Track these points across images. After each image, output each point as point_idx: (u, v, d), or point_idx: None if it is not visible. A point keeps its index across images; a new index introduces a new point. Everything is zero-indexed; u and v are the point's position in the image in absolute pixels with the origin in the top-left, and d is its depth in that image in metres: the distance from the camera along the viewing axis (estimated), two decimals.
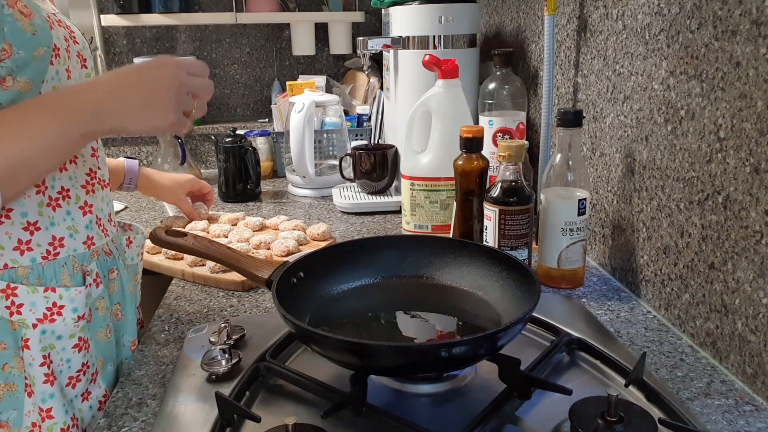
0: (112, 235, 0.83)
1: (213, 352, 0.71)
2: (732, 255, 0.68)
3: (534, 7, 1.25)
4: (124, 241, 0.89)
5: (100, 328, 0.79)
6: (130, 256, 0.90)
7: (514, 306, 0.70)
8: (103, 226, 0.80)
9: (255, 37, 2.27)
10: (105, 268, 0.81)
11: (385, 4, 1.43)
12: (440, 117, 1.07)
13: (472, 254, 0.78)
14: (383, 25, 1.68)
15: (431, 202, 1.10)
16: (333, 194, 1.42)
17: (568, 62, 1.09)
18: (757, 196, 0.64)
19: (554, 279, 0.93)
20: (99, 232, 0.79)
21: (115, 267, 0.82)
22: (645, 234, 0.87)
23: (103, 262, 0.80)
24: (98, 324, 0.79)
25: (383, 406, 0.60)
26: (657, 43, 0.81)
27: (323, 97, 1.52)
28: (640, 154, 0.87)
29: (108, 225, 0.82)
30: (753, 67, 0.64)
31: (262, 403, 0.65)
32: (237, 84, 2.30)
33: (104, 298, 0.79)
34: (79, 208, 0.76)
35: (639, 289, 0.89)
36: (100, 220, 0.80)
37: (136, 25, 2.13)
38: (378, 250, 0.81)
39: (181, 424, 0.62)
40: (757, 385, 0.66)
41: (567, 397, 0.59)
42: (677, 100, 0.78)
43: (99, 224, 0.79)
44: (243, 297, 0.95)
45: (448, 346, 0.57)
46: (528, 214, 0.91)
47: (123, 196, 1.57)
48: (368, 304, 0.77)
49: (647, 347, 0.76)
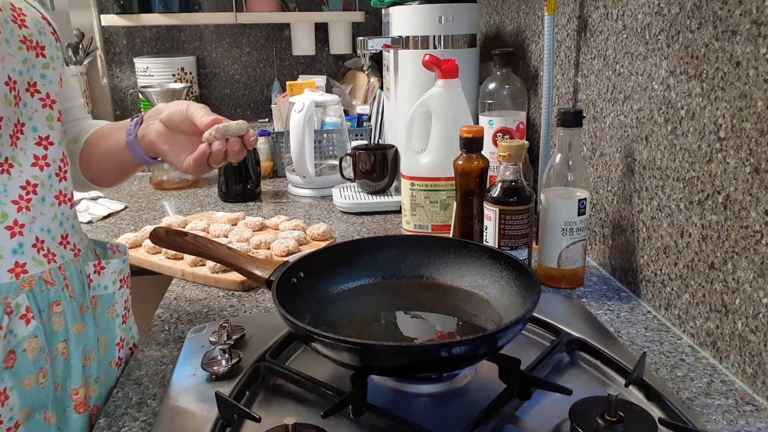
0: (63, 260, 0.71)
1: (213, 352, 0.71)
2: (732, 255, 0.68)
3: (534, 7, 1.25)
4: (89, 268, 0.76)
5: (28, 373, 0.66)
6: (102, 284, 0.77)
7: (514, 306, 0.70)
8: (47, 250, 0.68)
9: (255, 37, 2.27)
10: (44, 301, 0.68)
11: (385, 4, 1.43)
12: (440, 117, 1.07)
13: (472, 254, 0.78)
14: (383, 25, 1.68)
15: (431, 202, 1.10)
16: (333, 194, 1.42)
17: (568, 62, 1.09)
18: (757, 196, 0.64)
19: (554, 279, 0.93)
20: (37, 258, 0.67)
21: (58, 299, 0.70)
22: (645, 234, 0.87)
23: (40, 294, 0.67)
24: (24, 369, 0.65)
25: (383, 406, 0.60)
26: (657, 43, 0.81)
27: (323, 97, 1.52)
28: (640, 154, 0.87)
29: (59, 249, 0.70)
30: (753, 67, 0.64)
31: (262, 403, 0.65)
32: (237, 84, 2.30)
33: (37, 337, 0.66)
34: (5, 228, 0.64)
35: (639, 289, 0.89)
36: (43, 242, 0.68)
37: (136, 25, 2.13)
38: (378, 250, 0.81)
39: (181, 424, 0.62)
40: (757, 385, 0.66)
41: (567, 397, 0.59)
42: (677, 100, 0.77)
43: (39, 248, 0.68)
44: (243, 297, 0.95)
45: (448, 346, 0.57)
46: (528, 214, 0.91)
47: (123, 196, 1.57)
48: (368, 304, 0.77)
49: (647, 347, 0.76)
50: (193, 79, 2.18)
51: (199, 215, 1.32)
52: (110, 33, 2.21)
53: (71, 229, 0.73)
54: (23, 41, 0.67)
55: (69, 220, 0.73)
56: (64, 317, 0.70)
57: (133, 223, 1.35)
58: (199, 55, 2.26)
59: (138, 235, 1.15)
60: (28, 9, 0.69)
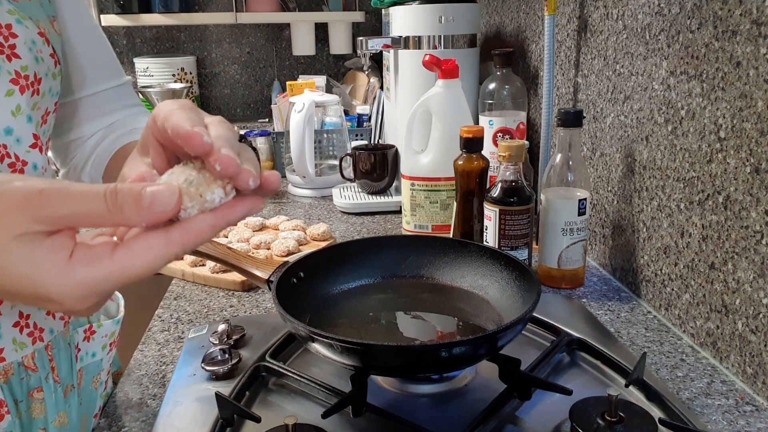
0: (51, 335, 0.59)
1: (213, 352, 0.71)
2: (732, 255, 0.68)
3: (534, 7, 1.25)
4: (78, 336, 0.64)
5: None
6: (90, 351, 0.66)
7: (514, 306, 0.70)
8: (33, 326, 0.56)
9: (255, 37, 2.27)
10: (23, 390, 0.57)
11: (385, 4, 1.43)
12: (440, 117, 1.07)
13: (472, 254, 0.78)
14: (383, 25, 1.68)
15: (431, 202, 1.10)
16: (333, 194, 1.42)
17: (569, 62, 1.09)
18: (758, 196, 0.64)
19: (554, 279, 0.93)
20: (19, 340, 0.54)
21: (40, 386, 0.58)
22: (645, 234, 0.87)
23: (17, 384, 0.56)
24: None
25: (383, 406, 0.60)
26: (657, 43, 0.81)
27: (323, 97, 1.52)
28: (641, 154, 0.87)
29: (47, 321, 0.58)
30: (753, 67, 0.63)
31: (262, 403, 0.65)
32: (237, 84, 2.30)
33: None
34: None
35: (639, 289, 0.89)
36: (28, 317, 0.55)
37: (136, 25, 2.13)
38: (378, 250, 0.81)
39: (181, 424, 0.62)
40: (757, 385, 0.66)
41: (567, 397, 0.59)
42: (677, 100, 0.77)
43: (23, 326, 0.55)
44: (243, 297, 0.95)
45: (449, 347, 0.57)
46: (528, 214, 0.91)
47: None
48: (368, 304, 0.77)
49: (647, 347, 0.76)
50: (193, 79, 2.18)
51: None
52: (110, 33, 2.21)
53: None
54: (15, 81, 0.53)
55: None
56: (44, 405, 0.59)
57: None
58: (199, 55, 2.26)
59: None
60: (18, 26, 0.54)
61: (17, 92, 0.54)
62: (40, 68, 0.56)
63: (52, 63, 0.59)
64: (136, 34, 2.21)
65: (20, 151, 0.55)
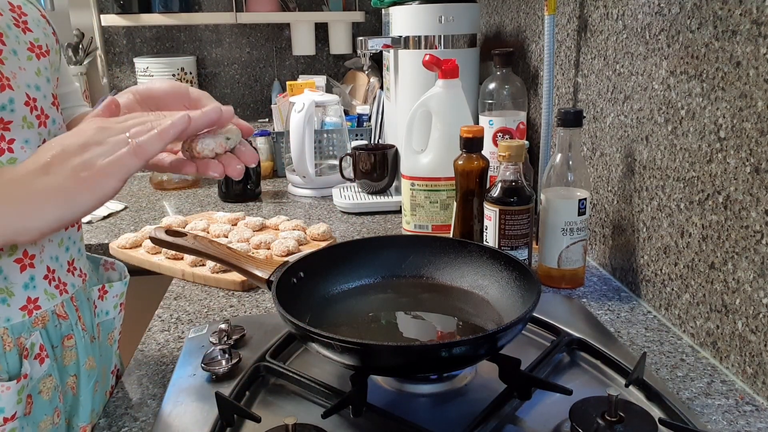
0: (74, 289, 0.65)
1: (213, 352, 0.71)
2: (732, 255, 0.68)
3: (534, 7, 1.25)
4: (94, 293, 0.70)
5: (44, 416, 0.60)
6: (104, 309, 0.72)
7: (514, 306, 0.70)
8: (58, 280, 0.62)
9: (255, 37, 2.27)
10: (57, 336, 0.63)
11: (385, 4, 1.43)
12: (440, 117, 1.07)
13: (472, 254, 0.78)
14: (383, 25, 1.68)
15: (431, 202, 1.10)
16: (333, 194, 1.42)
17: (569, 62, 1.09)
18: (758, 196, 0.64)
19: (554, 279, 0.93)
20: (49, 291, 0.61)
21: (71, 333, 0.64)
22: (645, 234, 0.87)
23: (52, 330, 0.62)
24: (41, 411, 0.60)
25: (383, 406, 0.60)
26: (657, 42, 0.81)
27: (323, 97, 1.52)
28: (641, 154, 0.87)
29: (68, 276, 0.64)
30: (753, 66, 0.63)
31: (262, 403, 0.65)
32: (237, 84, 2.30)
33: (52, 375, 0.61)
34: (14, 261, 0.58)
35: (639, 289, 0.89)
36: (54, 272, 0.62)
37: (136, 25, 2.13)
38: (378, 250, 0.81)
39: (181, 424, 0.62)
40: (757, 385, 0.66)
41: (567, 397, 0.59)
42: (677, 100, 0.77)
43: (51, 279, 0.61)
44: (243, 297, 0.95)
45: (449, 346, 0.57)
46: (528, 214, 0.91)
47: (123, 196, 1.57)
48: (368, 304, 0.77)
49: (647, 347, 0.76)
50: (193, 79, 2.18)
51: (199, 215, 1.32)
52: (110, 33, 2.21)
53: (77, 254, 0.67)
54: (31, 49, 0.60)
55: (75, 243, 0.67)
56: (75, 351, 0.65)
57: (132, 223, 1.35)
58: (199, 55, 2.26)
59: (138, 235, 1.14)
60: (26, 7, 0.63)
61: (35, 58, 0.61)
62: (48, 41, 0.64)
63: (53, 40, 0.66)
64: (136, 34, 2.21)
65: (45, 106, 0.62)
